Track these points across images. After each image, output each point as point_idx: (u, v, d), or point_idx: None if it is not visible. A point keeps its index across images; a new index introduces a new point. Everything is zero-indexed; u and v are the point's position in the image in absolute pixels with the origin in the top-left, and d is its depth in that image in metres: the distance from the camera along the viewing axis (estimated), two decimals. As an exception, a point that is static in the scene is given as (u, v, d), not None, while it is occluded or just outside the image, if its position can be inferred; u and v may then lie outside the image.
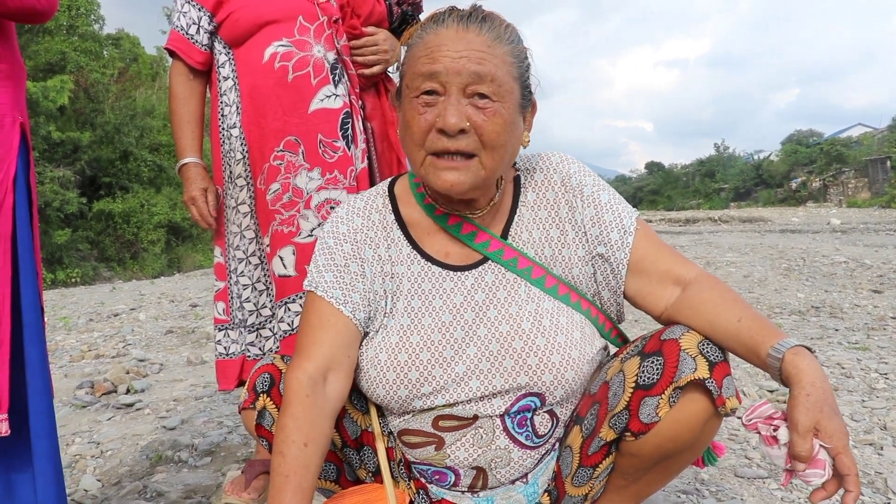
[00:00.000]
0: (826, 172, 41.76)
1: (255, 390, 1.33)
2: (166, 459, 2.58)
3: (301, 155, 2.00)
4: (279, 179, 2.00)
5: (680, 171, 71.69)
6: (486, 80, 1.16)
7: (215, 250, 2.19)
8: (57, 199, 16.71)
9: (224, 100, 2.07)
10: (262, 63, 1.98)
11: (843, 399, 3.03)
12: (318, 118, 2.00)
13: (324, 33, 2.02)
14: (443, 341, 1.27)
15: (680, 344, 1.15)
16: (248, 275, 2.10)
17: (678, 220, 24.40)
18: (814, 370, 1.04)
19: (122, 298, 8.98)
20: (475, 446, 1.28)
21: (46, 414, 1.60)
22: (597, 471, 1.28)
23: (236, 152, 2.06)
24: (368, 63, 2.10)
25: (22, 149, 1.59)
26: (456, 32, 1.18)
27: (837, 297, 5.98)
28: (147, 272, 18.57)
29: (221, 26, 2.04)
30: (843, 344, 4.19)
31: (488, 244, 1.30)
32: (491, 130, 1.17)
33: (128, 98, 21.20)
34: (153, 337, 5.58)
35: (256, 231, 2.08)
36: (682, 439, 1.16)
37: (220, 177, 2.14)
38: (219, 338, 2.16)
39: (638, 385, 1.17)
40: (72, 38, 19.35)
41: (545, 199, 1.34)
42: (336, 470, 1.39)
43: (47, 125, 16.98)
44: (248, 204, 2.07)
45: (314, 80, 2.00)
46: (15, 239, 1.55)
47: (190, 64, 2.07)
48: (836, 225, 16.98)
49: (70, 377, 4.14)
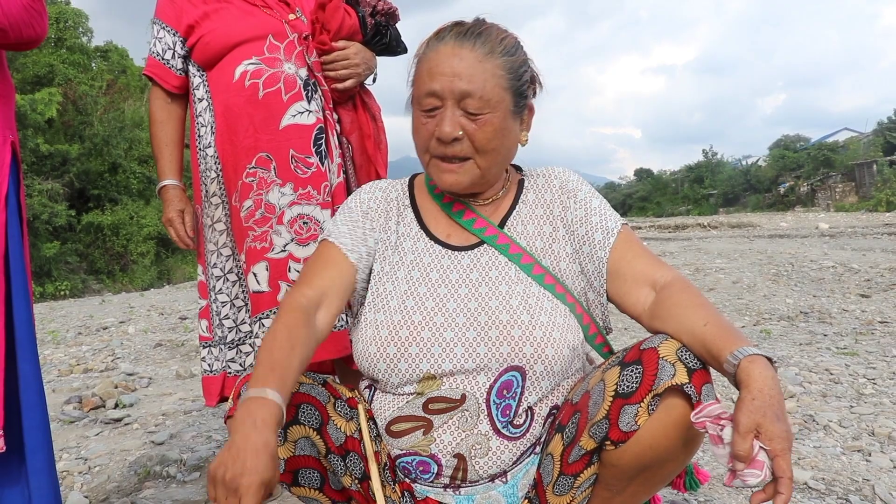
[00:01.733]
0: (814, 177, 42.03)
1: (239, 398, 1.34)
2: (154, 475, 2.57)
3: (273, 171, 2.01)
4: (251, 196, 2.01)
5: (669, 178, 71.99)
6: (476, 97, 1.31)
7: (198, 268, 2.21)
8: (45, 211, 16.64)
9: (200, 120, 2.10)
10: (233, 82, 2.00)
11: (832, 405, 3.05)
12: (289, 134, 2.01)
13: (294, 50, 2.04)
14: (435, 308, 1.37)
15: (659, 352, 1.17)
16: (227, 292, 2.11)
17: (668, 226, 24.49)
18: (764, 378, 1.06)
19: (111, 311, 8.94)
20: (459, 429, 1.32)
21: (41, 429, 1.62)
22: (578, 480, 1.29)
23: (211, 171, 2.08)
24: (340, 77, 2.11)
25: (13, 167, 1.60)
26: (452, 49, 1.34)
27: (826, 301, 6.02)
28: (137, 284, 18.49)
29: (193, 50, 2.06)
30: (831, 349, 4.21)
31: (485, 230, 1.43)
32: (482, 138, 1.33)
33: (116, 110, 21.16)
34: (142, 350, 5.56)
35: (233, 248, 2.10)
36: (662, 448, 1.17)
37: (199, 196, 2.16)
38: (203, 354, 2.18)
39: (618, 393, 1.19)
40: (60, 50, 19.33)
41: (542, 199, 1.47)
42: (320, 478, 1.39)
43: (35, 138, 16.93)
44: (223, 221, 2.09)
45: (285, 95, 2.02)
46: (7, 256, 1.56)
47: (166, 88, 2.11)
48: (824, 229, 17.10)
49: (58, 392, 4.12)
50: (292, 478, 1.36)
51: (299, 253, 2.01)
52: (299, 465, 1.34)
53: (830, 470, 2.30)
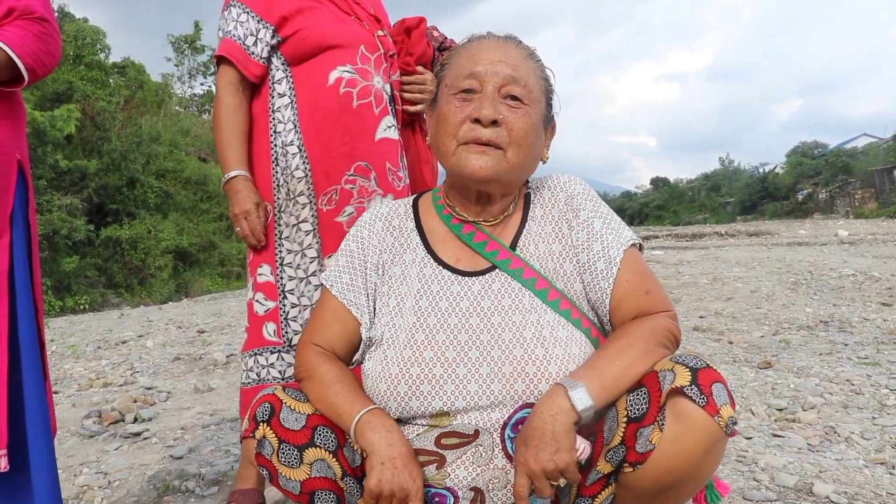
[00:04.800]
0: (832, 184, 41.67)
1: (255, 419, 1.34)
2: (174, 489, 2.58)
3: (373, 181, 2.03)
4: (353, 203, 2.02)
5: (685, 186, 71.64)
6: (520, 84, 1.34)
7: (261, 268, 2.07)
8: (65, 226, 16.79)
9: (278, 116, 2.04)
10: (327, 85, 1.99)
11: (853, 416, 3.01)
12: (383, 147, 2.04)
13: (382, 66, 2.07)
14: (447, 342, 1.33)
15: (656, 369, 1.19)
16: (308, 295, 2.03)
17: (684, 234, 24.35)
18: (543, 406, 1.19)
19: (129, 325, 9.00)
20: (475, 465, 1.29)
21: (45, 449, 1.61)
22: (595, 501, 1.28)
23: (298, 170, 2.01)
24: (414, 101, 2.17)
25: (20, 185, 1.61)
26: (497, 42, 1.40)
27: (846, 310, 5.95)
28: (155, 298, 18.60)
29: (286, 42, 2.02)
30: (852, 359, 4.16)
31: (497, 253, 1.39)
32: (520, 127, 1.32)
33: (134, 125, 21.34)
34: (161, 364, 5.59)
35: (318, 251, 2.04)
36: (681, 468, 1.14)
37: (269, 194, 2.06)
38: (261, 362, 2.06)
39: (630, 418, 1.18)
40: (78, 67, 19.56)
41: (551, 215, 1.44)
42: (336, 500, 1.39)
43: (55, 154, 17.10)
44: (310, 222, 2.03)
45: (376, 109, 2.04)
46: (12, 276, 1.57)
47: (245, 75, 2.03)
48: (843, 237, 16.92)
49: (78, 406, 4.15)
50: (309, 499, 1.34)
51: None
52: (315, 488, 1.33)
53: (853, 483, 2.27)
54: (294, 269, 2.03)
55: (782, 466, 2.42)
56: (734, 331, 5.34)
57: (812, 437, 2.77)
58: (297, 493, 1.32)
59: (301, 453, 1.30)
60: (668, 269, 9.85)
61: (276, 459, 1.30)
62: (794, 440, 2.73)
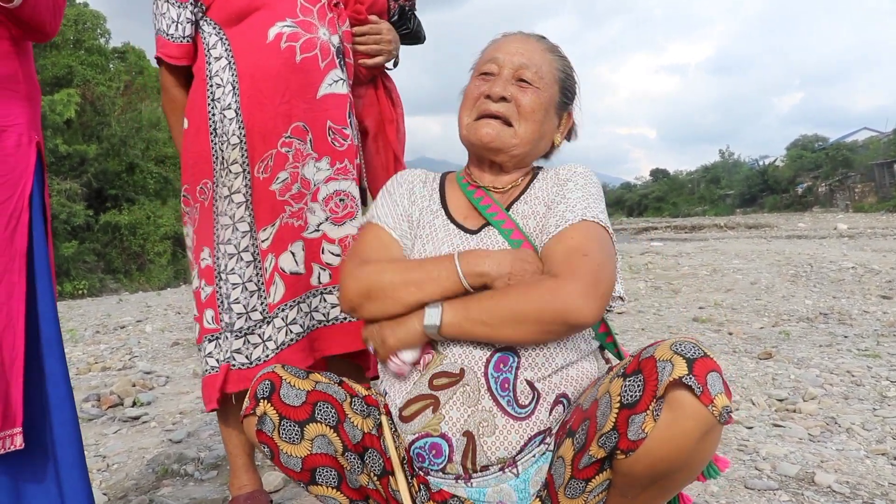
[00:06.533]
0: (832, 177, 41.68)
1: (255, 397, 1.36)
2: (172, 473, 2.58)
3: (309, 143, 1.88)
4: (287, 168, 1.87)
5: (685, 178, 71.65)
6: (532, 70, 1.49)
7: (202, 252, 1.94)
8: (64, 211, 16.80)
9: (216, 80, 1.89)
10: (267, 43, 1.85)
11: (854, 407, 3.01)
12: (326, 104, 1.90)
13: (326, 16, 1.92)
14: None
15: (655, 357, 1.16)
16: (240, 273, 1.87)
17: (684, 226, 24.38)
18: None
19: (128, 310, 9.00)
20: (464, 405, 1.33)
21: (70, 423, 1.65)
22: (589, 485, 1.28)
23: (233, 136, 1.86)
24: (370, 52, 2.02)
25: (37, 168, 1.63)
26: (520, 38, 1.56)
27: (846, 303, 5.95)
28: (153, 284, 18.62)
29: (210, 8, 1.89)
30: (852, 351, 4.16)
31: (495, 214, 1.50)
32: (526, 103, 1.48)
33: (134, 111, 21.33)
34: (159, 349, 5.59)
35: (251, 224, 1.88)
36: (674, 456, 1.14)
37: (207, 169, 1.91)
38: (209, 351, 1.92)
39: (623, 405, 1.17)
40: (78, 51, 19.51)
41: (546, 184, 1.54)
42: (337, 476, 1.39)
43: (54, 138, 17.09)
44: (243, 193, 1.87)
45: (322, 62, 1.89)
46: (31, 255, 1.59)
47: (168, 62, 1.93)
48: (842, 230, 16.94)
49: (77, 390, 4.14)
50: (310, 476, 1.36)
51: (333, 233, 1.89)
52: (316, 464, 1.35)
53: (855, 474, 2.27)
54: (226, 244, 1.88)
55: (784, 456, 2.42)
56: (734, 322, 5.34)
57: (813, 427, 2.76)
58: (299, 471, 1.34)
59: (302, 429, 1.32)
60: (668, 261, 9.85)
61: (277, 436, 1.32)
62: (795, 430, 2.72)
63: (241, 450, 2.02)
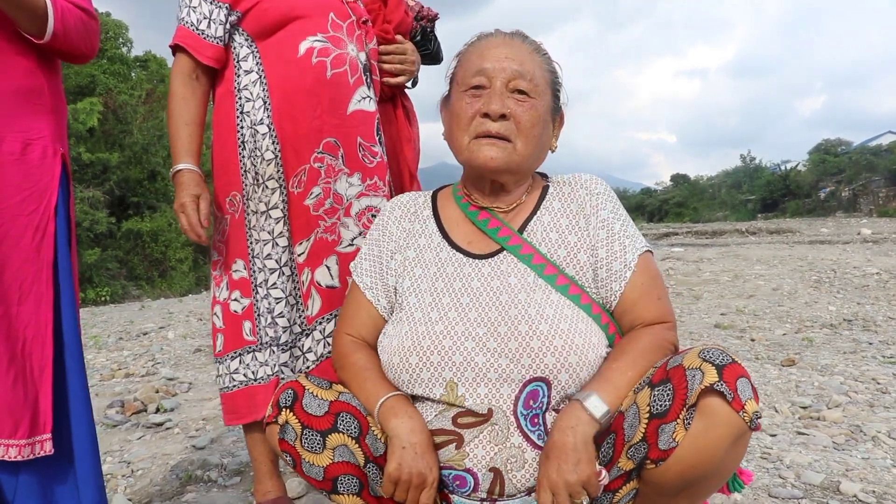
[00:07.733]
0: (855, 182, 41.15)
1: (278, 405, 1.36)
2: (196, 479, 2.60)
3: (340, 159, 1.90)
4: (320, 183, 1.89)
5: (706, 183, 71.07)
6: (526, 78, 1.40)
7: (235, 264, 1.97)
8: (87, 219, 16.98)
9: (245, 94, 1.91)
10: (298, 57, 1.86)
11: (880, 415, 2.97)
12: (356, 120, 1.92)
13: (355, 33, 1.94)
14: (457, 318, 1.38)
15: (683, 365, 1.17)
16: (282, 287, 1.91)
17: (705, 232, 24.17)
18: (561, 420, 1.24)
19: (150, 317, 9.08)
20: (492, 443, 1.31)
21: (88, 438, 1.68)
22: (616, 496, 1.29)
23: (267, 151, 1.88)
24: (394, 71, 2.06)
25: (63, 179, 1.66)
26: (503, 40, 1.45)
27: (870, 309, 5.88)
28: (175, 290, 18.76)
29: (245, 17, 1.89)
30: (877, 358, 4.11)
31: (509, 238, 1.44)
32: (527, 119, 1.39)
33: (155, 119, 21.50)
34: (182, 355, 5.63)
35: (289, 238, 1.92)
36: (706, 463, 1.14)
37: (238, 181, 1.94)
38: (246, 361, 1.97)
39: (652, 415, 1.18)
40: (101, 60, 19.73)
41: (569, 209, 1.47)
42: (359, 483, 1.40)
43: (77, 147, 17.29)
44: (280, 208, 1.90)
45: (351, 78, 1.91)
46: (56, 267, 1.62)
47: (199, 60, 1.91)
48: (866, 235, 16.70)
49: (101, 396, 4.19)
50: (332, 485, 1.36)
51: None
52: (339, 473, 1.35)
53: (881, 483, 2.24)
54: (266, 258, 1.91)
55: (808, 464, 2.39)
56: (756, 328, 5.29)
57: (837, 435, 2.73)
58: (321, 479, 1.34)
59: (324, 438, 1.32)
60: (689, 266, 9.78)
61: (300, 445, 1.32)
62: (819, 438, 2.70)
63: (265, 456, 2.04)
